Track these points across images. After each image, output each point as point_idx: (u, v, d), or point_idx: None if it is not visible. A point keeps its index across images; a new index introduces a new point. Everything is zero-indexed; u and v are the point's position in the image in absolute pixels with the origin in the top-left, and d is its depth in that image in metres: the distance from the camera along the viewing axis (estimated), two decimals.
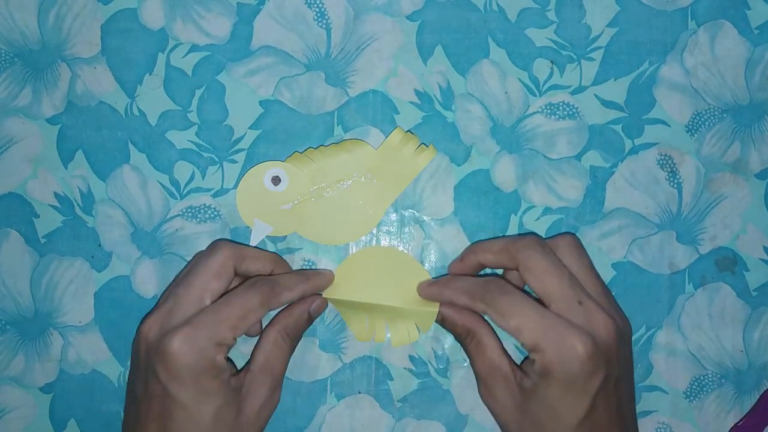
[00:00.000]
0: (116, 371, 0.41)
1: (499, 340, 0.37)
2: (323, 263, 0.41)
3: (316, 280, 0.38)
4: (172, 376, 0.33)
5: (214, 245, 0.37)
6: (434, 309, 0.38)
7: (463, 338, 0.37)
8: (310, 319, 0.38)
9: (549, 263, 0.35)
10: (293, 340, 0.38)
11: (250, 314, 0.34)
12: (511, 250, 0.36)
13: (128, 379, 0.37)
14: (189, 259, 0.41)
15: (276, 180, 0.39)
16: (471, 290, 0.36)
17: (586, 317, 0.33)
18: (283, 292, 0.36)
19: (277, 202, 0.39)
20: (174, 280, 0.39)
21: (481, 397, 0.37)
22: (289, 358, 0.38)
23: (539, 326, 0.33)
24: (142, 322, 0.35)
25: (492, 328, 0.37)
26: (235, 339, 0.34)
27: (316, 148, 0.41)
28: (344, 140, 0.41)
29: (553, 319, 0.33)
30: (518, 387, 0.35)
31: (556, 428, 0.34)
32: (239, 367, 0.38)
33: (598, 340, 0.33)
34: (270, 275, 0.38)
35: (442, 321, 0.38)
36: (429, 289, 0.38)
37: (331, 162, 0.40)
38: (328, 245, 0.41)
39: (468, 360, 0.41)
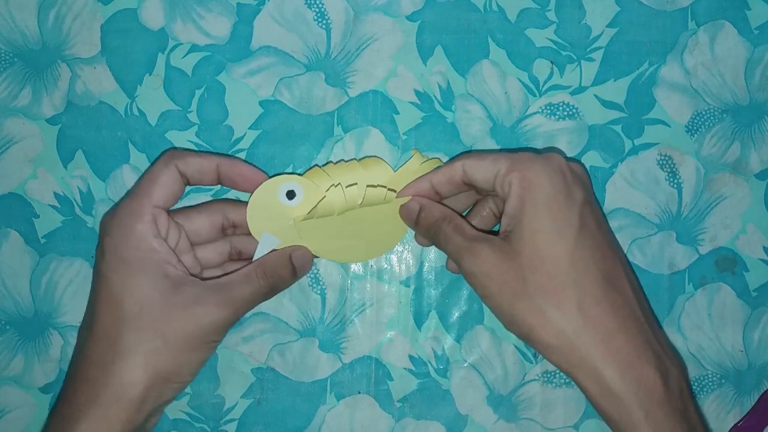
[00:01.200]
0: None
1: None
2: (322, 264, 0.41)
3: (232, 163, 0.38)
4: (99, 251, 0.35)
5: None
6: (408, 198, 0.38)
7: (439, 226, 0.36)
8: (293, 269, 0.37)
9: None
10: (269, 281, 0.36)
11: (159, 177, 0.36)
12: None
13: None
14: None
15: (291, 194, 0.38)
16: (445, 165, 0.37)
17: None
18: (187, 156, 0.36)
19: (288, 216, 0.38)
20: None
21: (467, 268, 0.35)
22: (258, 297, 0.36)
23: (514, 155, 0.35)
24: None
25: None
26: (153, 207, 0.35)
27: (336, 164, 0.40)
28: (364, 158, 0.40)
29: (525, 153, 0.35)
30: (503, 237, 0.34)
31: (554, 252, 0.33)
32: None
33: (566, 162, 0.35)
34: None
35: (419, 214, 0.37)
36: (405, 189, 0.38)
37: (348, 179, 0.39)
38: None
39: (467, 360, 0.41)
